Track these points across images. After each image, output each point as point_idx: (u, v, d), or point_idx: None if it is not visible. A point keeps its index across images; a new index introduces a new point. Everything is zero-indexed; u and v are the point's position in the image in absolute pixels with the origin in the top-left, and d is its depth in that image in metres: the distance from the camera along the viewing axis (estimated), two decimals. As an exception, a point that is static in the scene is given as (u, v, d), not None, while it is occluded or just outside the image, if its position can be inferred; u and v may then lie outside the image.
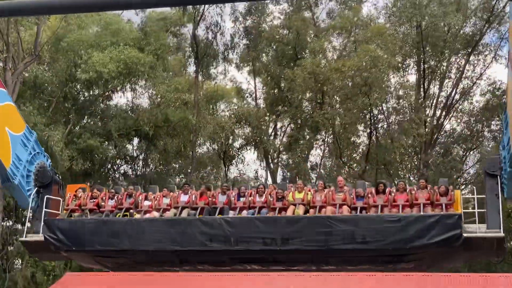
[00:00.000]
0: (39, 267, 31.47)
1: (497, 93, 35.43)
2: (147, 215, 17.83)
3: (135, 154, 39.16)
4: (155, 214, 17.80)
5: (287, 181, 19.21)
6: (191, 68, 41.08)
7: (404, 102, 35.45)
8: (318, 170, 40.06)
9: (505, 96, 32.90)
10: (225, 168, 39.08)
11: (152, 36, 34.26)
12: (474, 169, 36.80)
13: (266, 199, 17.19)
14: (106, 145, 35.25)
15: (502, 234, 15.98)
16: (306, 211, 16.83)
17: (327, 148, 39.67)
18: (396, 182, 16.81)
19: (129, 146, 38.74)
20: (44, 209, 18.65)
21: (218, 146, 38.69)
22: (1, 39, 31.04)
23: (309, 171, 39.17)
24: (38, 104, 32.26)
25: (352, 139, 37.40)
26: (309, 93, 36.50)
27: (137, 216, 17.92)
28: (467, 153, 37.47)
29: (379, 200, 16.56)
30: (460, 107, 36.88)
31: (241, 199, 17.50)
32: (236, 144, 39.40)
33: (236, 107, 38.40)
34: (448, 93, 36.27)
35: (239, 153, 39.66)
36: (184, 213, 17.45)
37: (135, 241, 17.22)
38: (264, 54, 39.69)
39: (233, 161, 39.46)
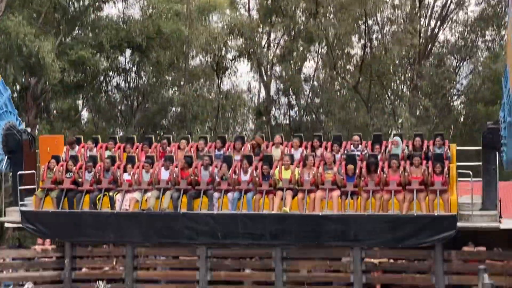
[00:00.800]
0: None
1: (492, 2, 35.08)
2: (128, 196, 17.38)
3: (127, 67, 38.83)
4: (136, 196, 17.37)
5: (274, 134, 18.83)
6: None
7: (399, 12, 35.02)
8: (311, 82, 39.95)
9: (505, 7, 32.58)
10: (218, 80, 38.88)
11: None
12: (467, 80, 36.82)
13: (251, 178, 16.76)
14: (98, 57, 34.79)
15: (498, 223, 15.83)
16: (295, 194, 16.55)
17: (320, 59, 39.43)
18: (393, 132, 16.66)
19: (122, 58, 38.22)
20: (18, 189, 18.25)
21: (211, 58, 38.36)
22: None
23: (302, 83, 39.08)
24: (27, 14, 31.62)
25: (346, 50, 37.07)
26: (303, 3, 35.97)
27: (118, 197, 17.44)
28: (461, 64, 37.42)
29: (371, 183, 16.12)
30: (455, 17, 36.58)
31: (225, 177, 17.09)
32: (229, 56, 39.07)
33: (229, 18, 37.82)
34: (443, 2, 35.90)
35: (232, 65, 39.40)
36: (167, 197, 17.09)
37: (120, 233, 17.19)
38: (257, -37, 38.90)
39: (226, 73, 39.22)
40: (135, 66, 38.72)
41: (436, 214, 15.61)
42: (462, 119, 40.13)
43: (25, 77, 32.90)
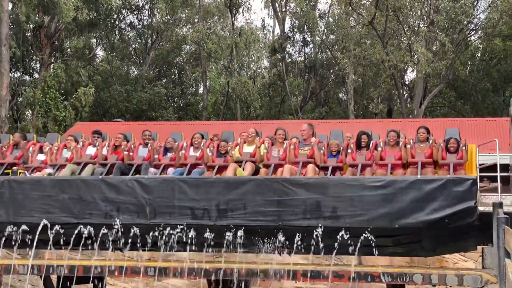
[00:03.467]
0: (49, 117, 31.87)
1: None
2: (37, 174, 12.76)
3: (141, 4, 38.63)
4: (48, 171, 12.68)
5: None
6: None
7: None
8: (326, 18, 39.56)
9: None
10: (232, 17, 38.54)
11: None
12: (485, 14, 36.26)
13: (202, 153, 12.21)
14: (111, -6, 34.63)
15: None
16: (256, 171, 11.79)
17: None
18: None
19: (135, -4, 38.21)
20: None
21: (225, -6, 38.06)
22: None
23: (317, 19, 38.71)
24: (39, -49, 31.33)
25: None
26: None
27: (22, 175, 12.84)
28: (479, -2, 36.82)
29: (360, 157, 11.52)
30: (474, -50, 35.80)
31: (169, 154, 12.50)
32: (243, -9, 38.71)
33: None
34: None
35: (245, 1, 39.02)
36: (87, 171, 12.31)
37: (14, 211, 12.13)
38: None
39: (240, 9, 38.85)
40: (149, 4, 38.52)
41: (449, 176, 10.63)
42: (479, 55, 39.71)
43: (38, 15, 32.71)
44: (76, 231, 11.54)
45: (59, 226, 11.54)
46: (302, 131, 12.28)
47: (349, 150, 11.60)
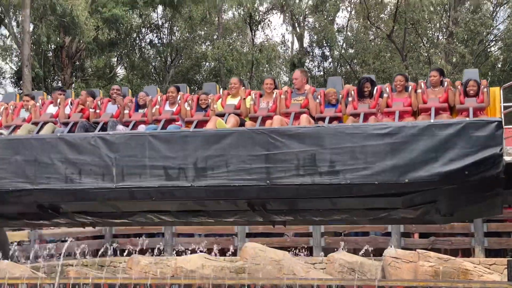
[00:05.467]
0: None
1: None
2: None
3: (160, 23, 38.95)
4: (1, 131, 11.08)
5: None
6: None
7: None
8: (345, 32, 39.62)
9: None
10: (252, 33, 38.74)
11: None
12: (505, 25, 36.11)
13: (179, 108, 10.58)
14: (131, 14, 34.95)
15: None
16: (242, 125, 10.05)
17: (354, 9, 39.04)
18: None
19: (154, 15, 38.50)
20: None
21: (244, 11, 38.22)
22: None
23: (336, 33, 38.79)
24: (59, -27, 31.76)
25: (379, -1, 36.67)
26: (334, -48, 35.52)
27: None
28: (498, 9, 36.69)
29: (363, 106, 9.90)
30: (491, -39, 35.78)
31: (141, 110, 10.89)
32: (262, 8, 38.89)
33: (261, -30, 37.53)
34: None
35: (265, 17, 39.24)
36: (46, 131, 10.69)
37: None
38: None
39: (260, 26, 39.07)
40: (168, 22, 38.81)
41: (468, 119, 8.81)
42: (499, 66, 39.52)
43: (59, 36, 33.09)
44: (33, 199, 10.14)
45: (13, 193, 9.94)
46: (294, 79, 10.62)
47: (349, 99, 10.02)
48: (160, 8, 37.60)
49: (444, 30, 35.72)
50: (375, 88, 10.06)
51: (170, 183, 9.36)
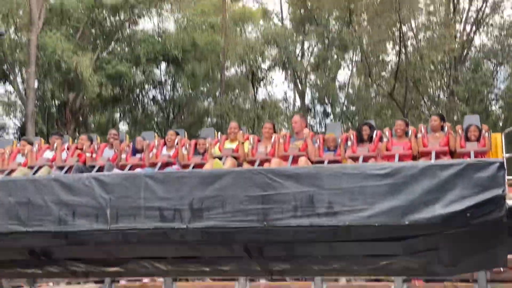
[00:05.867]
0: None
1: (529, 5, 34.68)
2: None
3: (163, 79, 39.26)
4: None
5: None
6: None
7: (434, 18, 34.79)
8: (346, 89, 39.92)
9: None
10: (254, 90, 39.05)
11: (176, -41, 33.78)
12: (505, 84, 36.42)
13: (177, 152, 10.56)
14: (134, 71, 35.32)
15: None
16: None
17: (355, 67, 39.44)
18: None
19: (157, 71, 38.79)
20: None
21: (247, 68, 38.61)
22: (24, -33, 30.93)
23: (338, 91, 39.09)
24: (65, 30, 32.24)
25: (380, 57, 37.03)
26: (336, 11, 36.02)
27: None
28: (498, 68, 37.06)
29: (362, 149, 9.86)
30: (491, 21, 36.23)
31: (138, 155, 10.82)
32: (264, 66, 39.31)
33: (263, 29, 38.04)
34: (478, 7, 35.60)
35: (267, 74, 39.62)
36: (42, 174, 10.61)
37: None
38: (289, -27, 39.03)
39: (262, 82, 39.42)
40: (171, 79, 39.11)
41: (469, 160, 8.72)
42: (500, 124, 39.68)
43: (63, 92, 33.37)
44: (25, 243, 9.78)
45: (5, 235, 9.52)
46: (294, 123, 10.59)
47: (349, 143, 9.92)
48: (163, 65, 38.01)
49: (445, 89, 35.97)
50: (375, 132, 9.98)
51: (165, 225, 9.01)
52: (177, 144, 10.44)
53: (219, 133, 10.94)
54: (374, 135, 9.96)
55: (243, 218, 8.73)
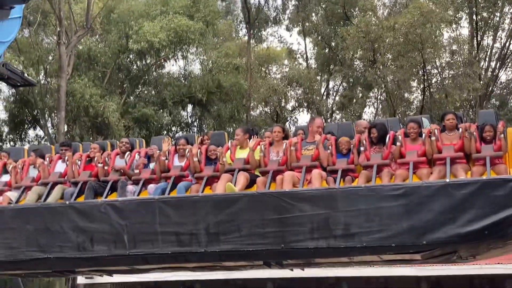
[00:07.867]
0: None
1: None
2: None
3: (189, 121, 39.72)
4: (11, 195, 10.74)
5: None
6: (242, 32, 41.42)
7: (457, 56, 34.84)
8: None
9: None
10: (279, 130, 39.22)
11: (201, 3, 34.31)
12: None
13: (188, 163, 10.26)
14: (161, 113, 35.78)
15: None
16: (252, 182, 9.71)
17: (380, 105, 39.49)
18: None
19: (183, 113, 39.38)
20: None
21: (271, 109, 38.88)
22: (53, 14, 31.69)
23: (363, 129, 39.08)
24: (93, 75, 32.85)
25: (405, 96, 37.05)
26: (360, 51, 36.20)
27: None
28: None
29: (375, 157, 9.46)
30: (515, 57, 36.22)
31: (151, 165, 10.64)
32: (289, 106, 39.54)
33: (287, 69, 38.36)
34: (503, 44, 35.58)
35: (292, 115, 39.84)
36: (56, 193, 10.49)
37: None
38: (313, 14, 39.40)
39: (286, 123, 39.61)
40: (197, 120, 39.53)
41: (485, 178, 8.49)
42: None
43: (92, 136, 33.88)
44: (46, 266, 10.10)
45: (25, 262, 9.89)
46: (310, 126, 10.18)
47: (362, 148, 9.62)
48: (189, 107, 38.48)
49: (471, 126, 35.82)
50: (388, 135, 9.68)
51: (183, 249, 9.25)
52: (188, 153, 10.31)
53: (230, 140, 10.79)
54: (387, 138, 9.63)
55: (260, 241, 8.94)
